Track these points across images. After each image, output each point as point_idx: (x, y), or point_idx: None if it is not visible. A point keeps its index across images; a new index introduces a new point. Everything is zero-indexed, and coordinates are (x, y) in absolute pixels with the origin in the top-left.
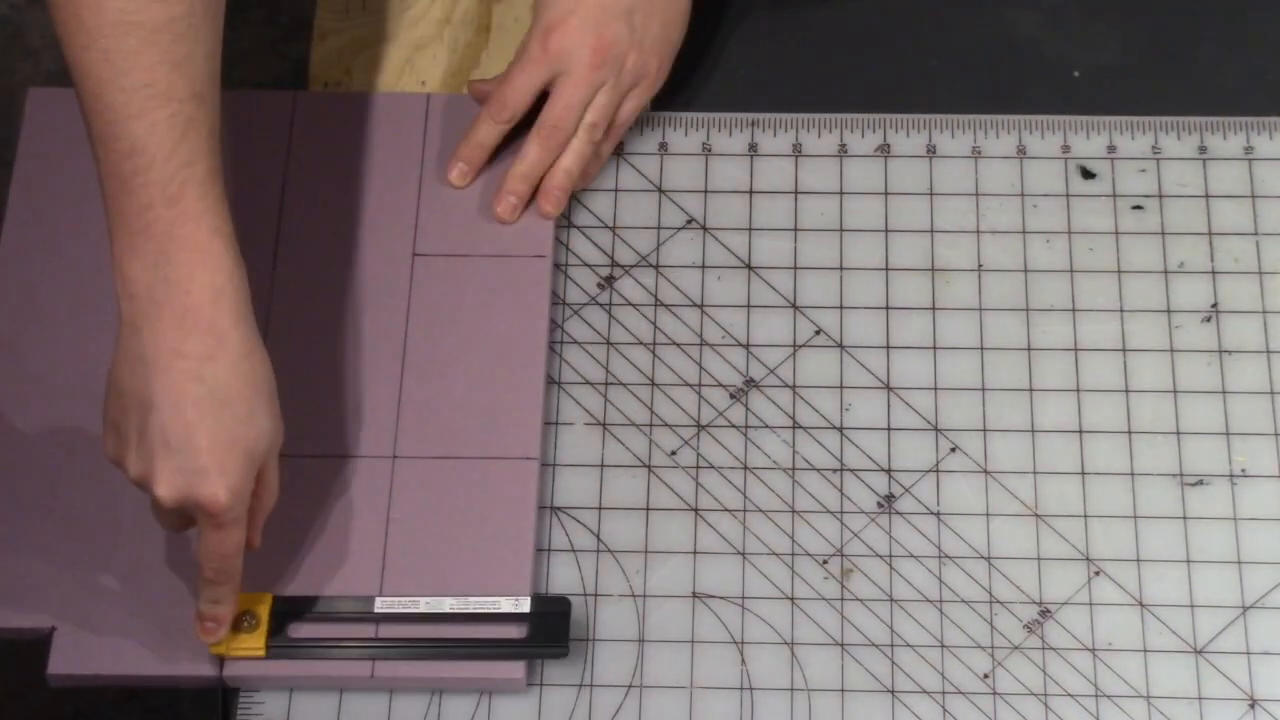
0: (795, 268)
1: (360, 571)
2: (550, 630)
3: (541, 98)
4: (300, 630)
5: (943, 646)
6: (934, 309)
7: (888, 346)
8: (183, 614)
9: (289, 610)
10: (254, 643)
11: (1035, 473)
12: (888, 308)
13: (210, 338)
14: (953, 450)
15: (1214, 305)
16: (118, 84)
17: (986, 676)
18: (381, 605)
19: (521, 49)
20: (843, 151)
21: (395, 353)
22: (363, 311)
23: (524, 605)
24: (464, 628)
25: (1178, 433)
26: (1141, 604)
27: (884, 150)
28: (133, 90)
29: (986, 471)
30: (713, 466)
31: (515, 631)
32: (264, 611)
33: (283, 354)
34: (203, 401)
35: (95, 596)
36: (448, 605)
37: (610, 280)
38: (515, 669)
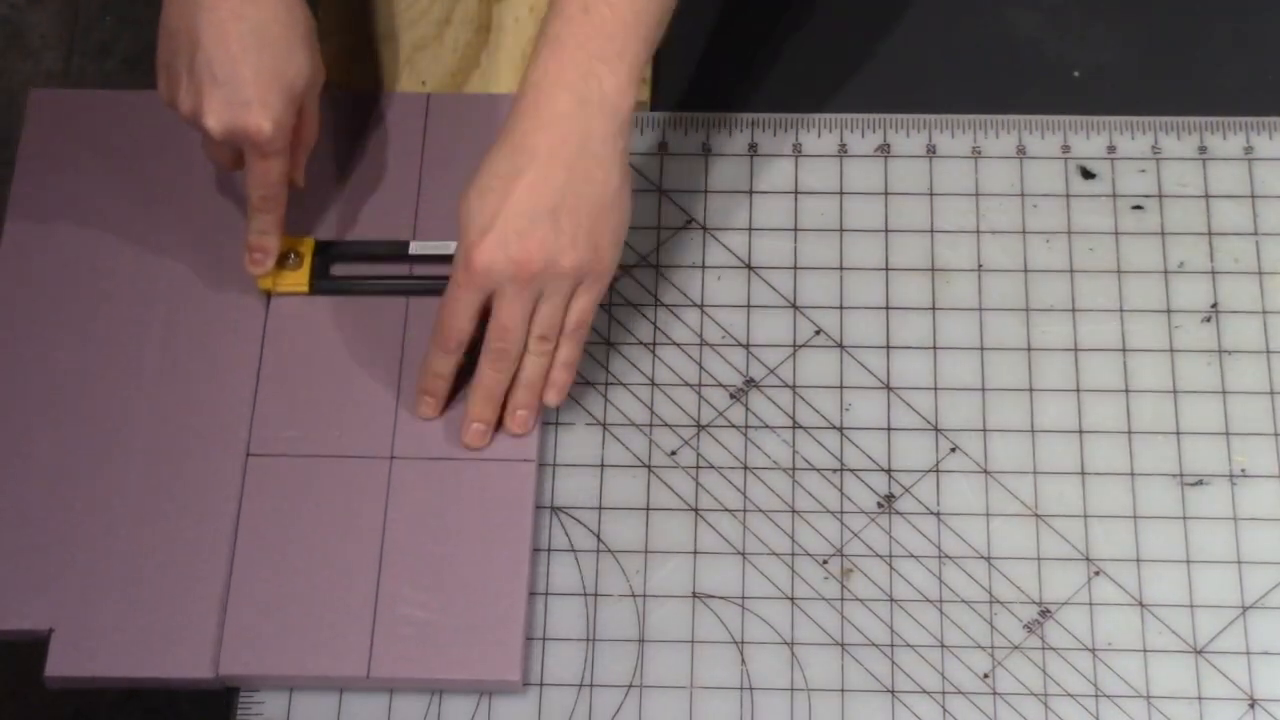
0: (795, 268)
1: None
2: None
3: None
4: (340, 270)
5: (943, 646)
6: (934, 309)
7: (888, 346)
8: (181, 614)
9: (330, 251)
10: (298, 279)
11: (1035, 473)
12: (888, 308)
13: None
14: (953, 450)
15: (1214, 305)
16: None
17: (986, 676)
18: (415, 248)
19: (452, 269)
20: (843, 151)
21: (394, 354)
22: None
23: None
24: None
25: (1178, 433)
26: (1141, 604)
27: (884, 150)
28: None
29: (986, 471)
30: (713, 466)
31: None
32: (307, 251)
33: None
34: (246, 38)
35: (93, 597)
36: None
37: (610, 280)
38: (513, 670)
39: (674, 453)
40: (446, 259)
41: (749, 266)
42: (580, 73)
